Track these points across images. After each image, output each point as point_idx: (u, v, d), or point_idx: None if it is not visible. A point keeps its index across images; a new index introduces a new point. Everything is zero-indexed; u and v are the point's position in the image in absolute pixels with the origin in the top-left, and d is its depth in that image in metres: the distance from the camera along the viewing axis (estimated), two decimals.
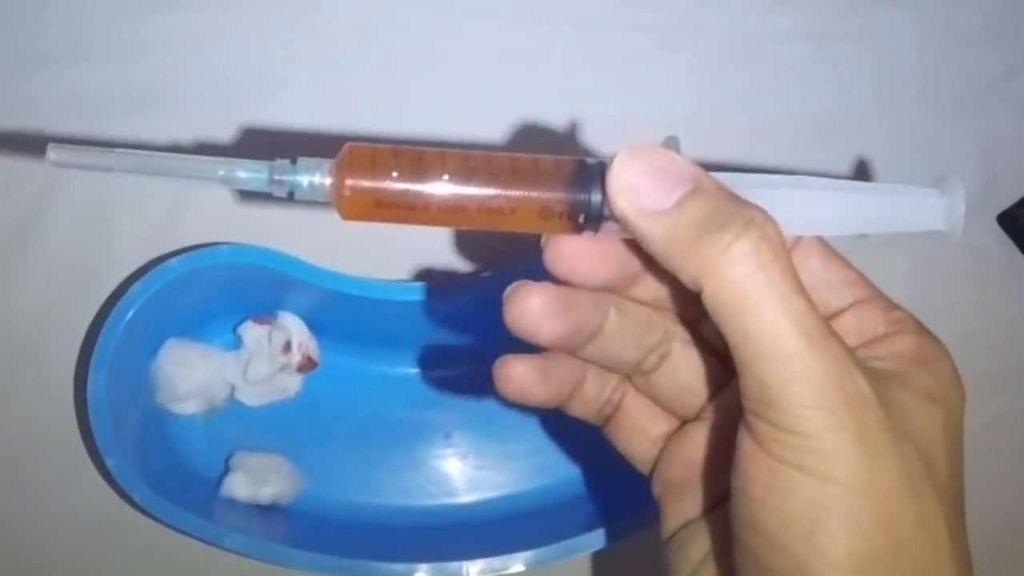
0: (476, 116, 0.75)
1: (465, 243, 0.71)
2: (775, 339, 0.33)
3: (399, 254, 0.70)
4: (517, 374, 0.41)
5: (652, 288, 0.41)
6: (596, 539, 0.61)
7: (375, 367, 0.68)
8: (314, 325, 0.67)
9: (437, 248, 0.71)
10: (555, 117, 0.75)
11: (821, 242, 0.40)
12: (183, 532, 0.59)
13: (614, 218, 0.36)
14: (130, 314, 0.61)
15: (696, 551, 0.41)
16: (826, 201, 0.39)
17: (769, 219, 0.34)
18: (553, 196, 0.37)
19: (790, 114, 0.77)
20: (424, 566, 0.61)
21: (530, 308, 0.39)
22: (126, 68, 0.75)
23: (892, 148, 0.77)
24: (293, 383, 0.67)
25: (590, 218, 0.37)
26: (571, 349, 0.41)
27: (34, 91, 0.74)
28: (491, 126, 0.75)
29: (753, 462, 0.34)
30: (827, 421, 0.32)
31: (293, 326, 0.66)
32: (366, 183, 0.36)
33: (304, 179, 0.36)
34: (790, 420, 0.32)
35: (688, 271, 0.34)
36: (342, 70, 0.75)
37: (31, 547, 0.66)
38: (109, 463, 0.59)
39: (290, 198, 0.37)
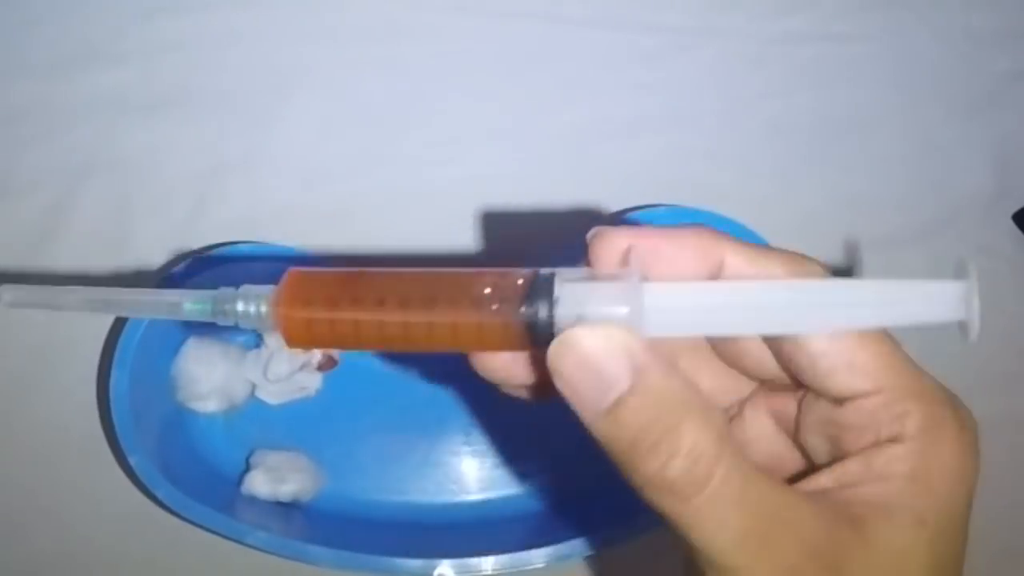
0: (491, 117, 0.76)
1: (487, 239, 0.71)
2: (715, 555, 0.33)
3: (418, 254, 0.71)
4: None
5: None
6: (613, 536, 0.62)
7: (395, 365, 0.69)
8: None
9: (458, 246, 0.72)
10: (570, 117, 0.76)
11: None
12: (205, 529, 0.60)
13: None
14: None
15: None
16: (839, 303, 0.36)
17: (706, 428, 0.33)
18: (501, 319, 0.35)
19: (804, 114, 0.77)
20: (443, 562, 0.61)
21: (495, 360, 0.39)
22: (143, 70, 0.76)
23: (906, 148, 0.77)
24: (313, 381, 0.67)
25: (540, 335, 0.35)
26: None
27: (52, 94, 0.75)
28: (506, 127, 0.75)
29: None
30: None
31: None
32: (307, 313, 0.35)
33: (246, 308, 0.36)
34: None
35: (628, 480, 0.34)
36: (356, 71, 0.76)
37: (55, 543, 0.66)
38: (132, 461, 0.59)
39: (236, 327, 0.36)
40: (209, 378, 0.65)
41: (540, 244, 0.71)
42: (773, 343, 0.38)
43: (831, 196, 0.76)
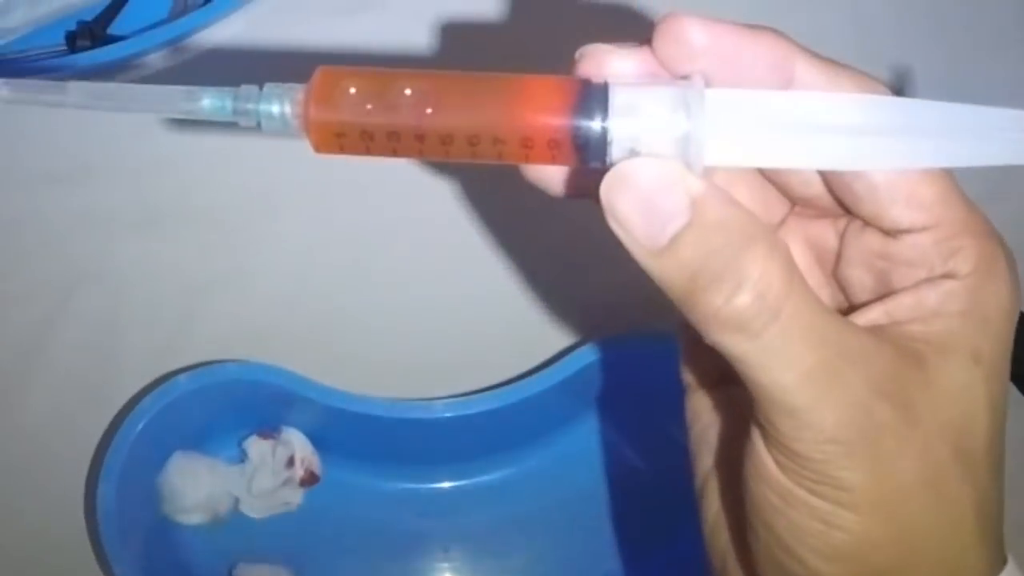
0: (475, 236, 0.78)
1: (469, 355, 0.73)
2: (784, 394, 0.31)
3: (399, 372, 0.72)
4: None
5: None
6: None
7: (375, 481, 0.70)
8: (317, 440, 0.69)
9: (436, 367, 0.73)
10: (551, 238, 0.77)
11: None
12: None
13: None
14: (139, 428, 0.63)
15: (713, 502, 0.41)
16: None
17: (772, 257, 0.31)
18: (555, 123, 0.32)
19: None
20: None
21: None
22: (134, 186, 0.78)
23: None
24: (296, 496, 0.68)
25: (592, 147, 0.33)
26: None
27: (45, 208, 0.77)
28: (489, 246, 0.77)
29: (770, 473, 0.34)
30: (842, 459, 0.32)
31: (296, 441, 0.68)
32: (340, 112, 0.33)
33: (271, 107, 0.33)
34: (804, 460, 0.32)
35: (689, 319, 0.32)
36: (342, 192, 0.78)
37: None
38: (116, 572, 0.60)
39: (258, 128, 0.34)
40: (194, 492, 0.66)
41: (523, 359, 0.73)
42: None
43: None
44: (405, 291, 0.76)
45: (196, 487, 0.66)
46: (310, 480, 0.68)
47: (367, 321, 0.75)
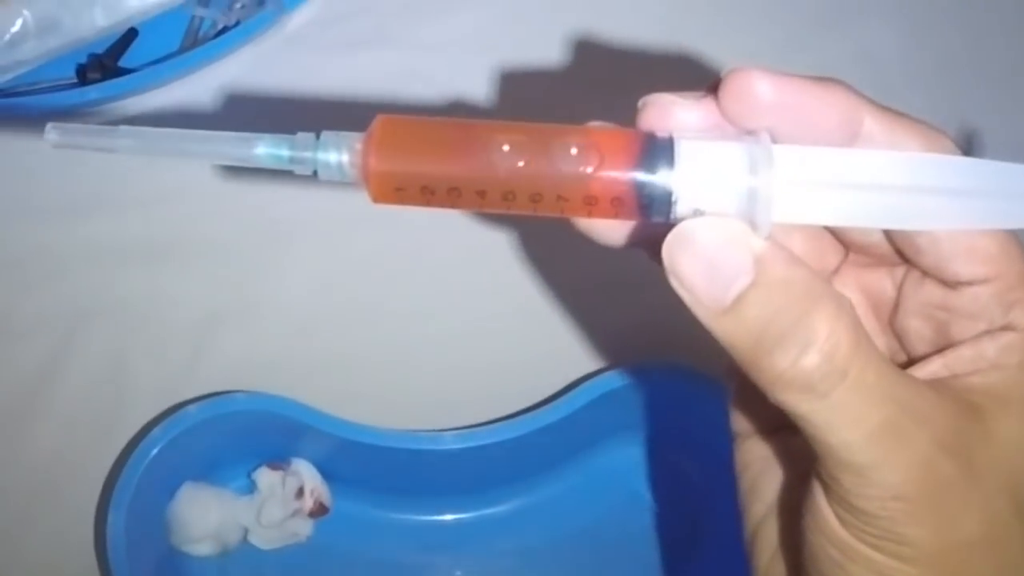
0: (486, 270, 0.78)
1: (473, 395, 0.73)
2: (850, 452, 0.31)
3: (408, 404, 0.72)
4: None
5: None
6: None
7: (385, 513, 0.70)
8: (326, 471, 0.69)
9: (444, 399, 0.73)
10: (558, 276, 0.77)
11: None
12: None
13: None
14: (149, 458, 0.63)
15: (764, 551, 0.40)
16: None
17: (839, 317, 0.31)
18: (620, 181, 0.32)
19: None
20: None
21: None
22: (142, 218, 0.78)
23: None
24: (305, 528, 0.68)
25: (656, 206, 0.32)
26: None
27: (54, 240, 0.77)
28: (500, 281, 0.77)
29: (831, 527, 0.33)
30: (906, 516, 0.32)
31: (306, 472, 0.68)
32: (400, 162, 0.32)
33: (328, 156, 0.33)
34: (868, 516, 0.32)
35: (752, 377, 0.32)
36: (352, 223, 0.78)
37: None
38: None
39: (314, 176, 0.34)
40: (203, 523, 0.66)
41: (532, 392, 0.72)
42: None
43: None
44: (412, 323, 0.76)
45: (205, 518, 0.66)
46: (319, 511, 0.68)
47: (377, 352, 0.75)
